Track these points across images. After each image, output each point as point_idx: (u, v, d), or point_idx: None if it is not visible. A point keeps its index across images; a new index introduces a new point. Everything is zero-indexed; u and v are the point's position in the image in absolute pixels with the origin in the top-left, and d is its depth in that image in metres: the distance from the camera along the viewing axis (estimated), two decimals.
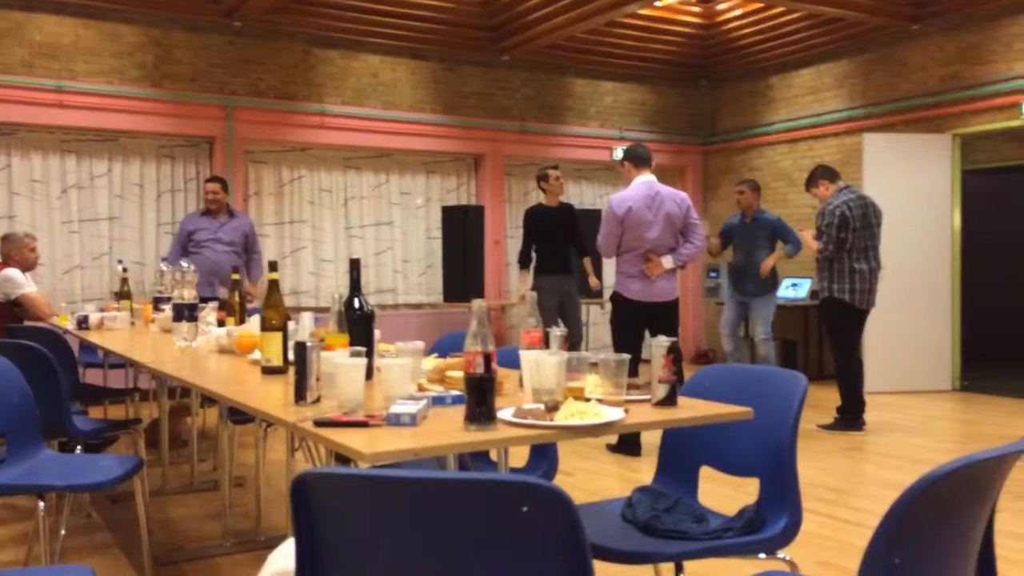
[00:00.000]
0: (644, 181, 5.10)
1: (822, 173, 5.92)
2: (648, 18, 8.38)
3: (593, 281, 7.19)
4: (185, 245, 6.46)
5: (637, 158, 5.21)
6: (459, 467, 1.93)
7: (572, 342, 2.22)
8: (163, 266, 4.91)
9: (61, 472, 2.68)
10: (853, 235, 5.64)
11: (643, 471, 4.69)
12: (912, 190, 7.52)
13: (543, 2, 7.59)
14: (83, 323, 4.46)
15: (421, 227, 8.66)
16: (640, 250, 5.01)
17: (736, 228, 6.82)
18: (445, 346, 3.17)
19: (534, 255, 6.68)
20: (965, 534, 1.34)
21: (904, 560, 1.25)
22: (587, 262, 7.03)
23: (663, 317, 5.04)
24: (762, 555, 2.04)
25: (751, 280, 6.63)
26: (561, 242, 6.64)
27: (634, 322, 5.06)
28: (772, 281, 6.70)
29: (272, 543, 1.57)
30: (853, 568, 3.08)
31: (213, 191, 6.48)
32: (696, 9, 8.48)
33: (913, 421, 6.15)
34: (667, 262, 5.01)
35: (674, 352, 1.97)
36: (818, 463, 4.84)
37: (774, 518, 2.05)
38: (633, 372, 2.06)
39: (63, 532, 3.20)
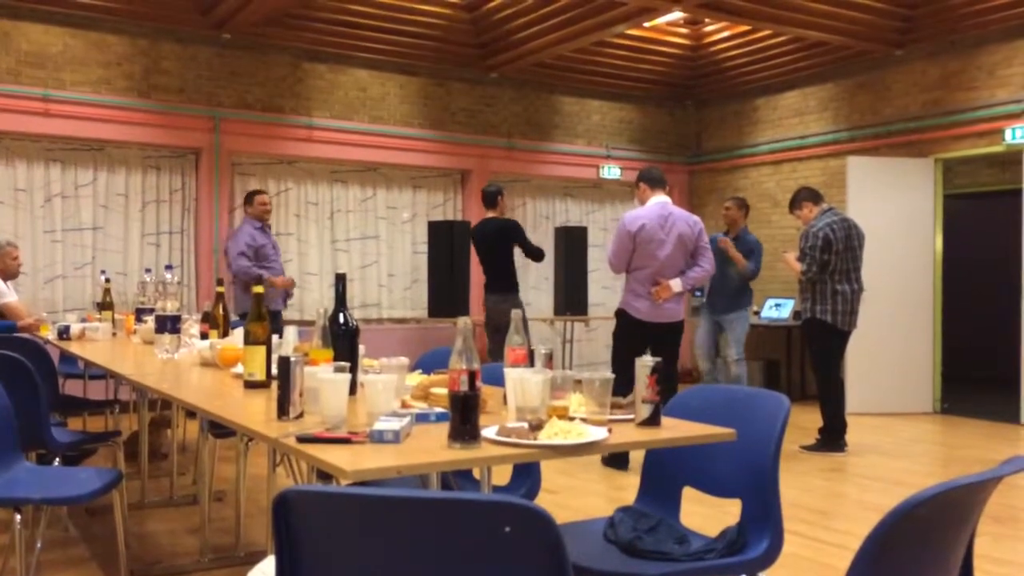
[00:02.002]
0: (658, 202, 5.18)
1: (806, 195, 5.97)
2: (636, 38, 8.45)
3: None
4: (252, 257, 6.45)
5: (652, 179, 5.29)
6: (442, 485, 1.93)
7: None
8: (147, 276, 4.88)
9: (38, 485, 2.65)
10: (836, 257, 5.68)
11: (626, 489, 4.68)
12: (895, 213, 7.59)
13: (532, 20, 7.65)
14: (64, 333, 4.42)
15: (407, 242, 8.66)
16: (650, 269, 5.04)
17: (713, 244, 6.85)
18: (429, 362, 3.17)
19: (501, 272, 6.88)
20: (945, 558, 1.35)
21: None
22: None
23: (667, 338, 5.09)
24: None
25: (722, 296, 6.66)
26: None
27: (638, 341, 5.02)
28: (745, 298, 6.72)
29: (251, 559, 1.56)
30: None
31: (264, 202, 6.44)
32: (684, 30, 8.56)
33: (894, 443, 6.18)
34: (676, 285, 5.06)
35: (658, 372, 1.98)
36: (800, 484, 4.85)
37: (756, 539, 2.06)
38: (629, 391, 2.06)
39: (39, 545, 3.15)
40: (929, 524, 1.27)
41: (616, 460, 5.12)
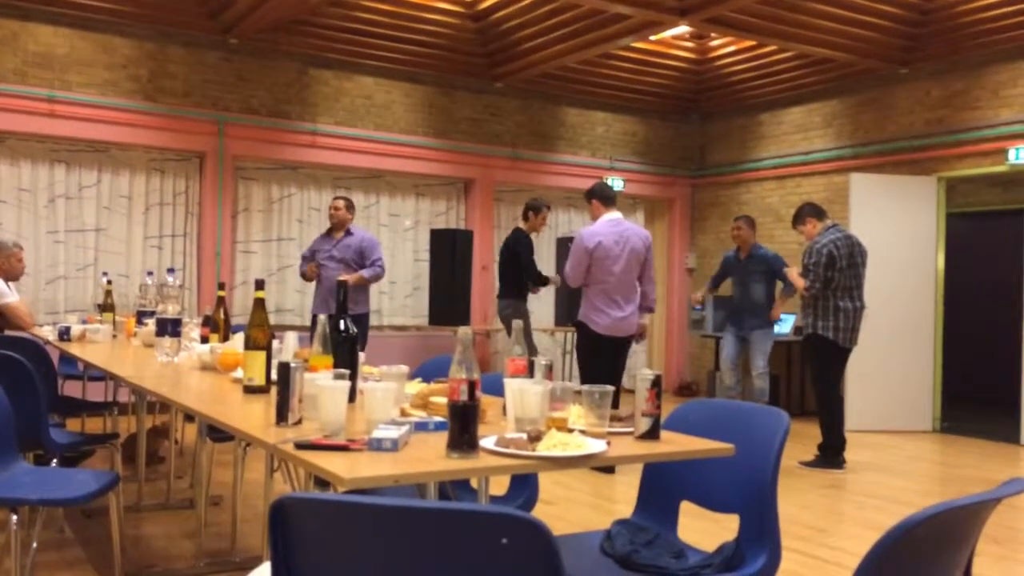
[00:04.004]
0: (612, 218, 5.41)
1: (810, 211, 5.97)
2: (642, 51, 8.48)
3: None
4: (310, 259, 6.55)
5: (604, 197, 5.50)
6: (439, 494, 1.92)
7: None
8: (149, 279, 4.88)
9: (35, 486, 2.64)
10: (839, 274, 5.68)
11: (623, 502, 4.67)
12: (897, 231, 7.59)
13: (538, 31, 7.67)
14: (65, 334, 4.42)
15: (409, 249, 8.66)
16: (606, 284, 5.28)
17: (732, 264, 6.85)
18: (429, 371, 3.16)
19: (510, 280, 6.90)
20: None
21: None
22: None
23: (620, 350, 5.42)
24: None
25: (749, 314, 6.64)
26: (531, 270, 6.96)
27: (599, 353, 5.35)
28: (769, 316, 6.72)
29: (247, 565, 1.55)
30: None
31: (335, 207, 6.49)
32: (690, 44, 8.59)
33: (893, 461, 6.16)
34: (645, 321, 5.57)
35: (658, 386, 1.97)
36: (798, 500, 4.83)
37: (753, 556, 2.05)
38: (615, 403, 2.06)
39: (35, 546, 3.15)
40: (927, 544, 1.27)
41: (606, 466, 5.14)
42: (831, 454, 5.74)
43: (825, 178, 8.67)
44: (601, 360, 5.34)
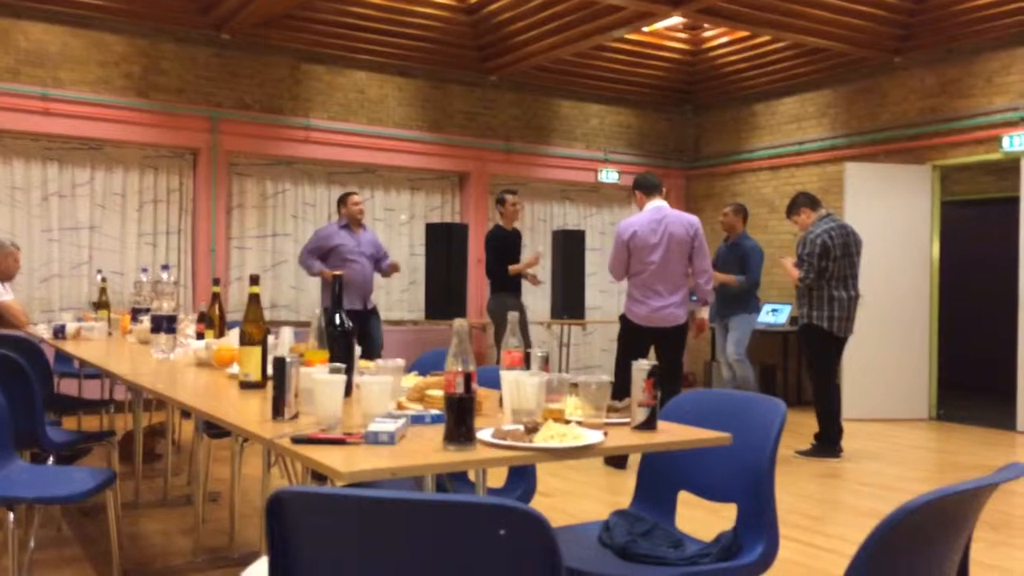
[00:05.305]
0: (654, 207, 5.24)
1: (804, 200, 5.97)
2: (635, 43, 8.46)
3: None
4: (324, 257, 6.42)
5: (647, 186, 5.35)
6: (437, 487, 1.92)
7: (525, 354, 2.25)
8: (143, 276, 4.87)
9: (32, 483, 2.64)
10: (834, 263, 5.69)
11: (622, 493, 4.68)
12: (892, 219, 7.60)
13: (531, 24, 7.65)
14: (59, 332, 4.41)
15: (405, 243, 8.65)
16: (645, 273, 5.12)
17: (718, 251, 6.88)
18: (426, 364, 3.16)
19: (492, 276, 6.85)
20: (940, 565, 1.34)
21: None
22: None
23: (668, 342, 5.16)
24: None
25: (729, 301, 6.66)
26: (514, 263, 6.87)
27: (637, 345, 5.14)
28: (749, 303, 6.72)
29: (245, 560, 1.55)
30: None
31: (358, 203, 6.46)
32: (683, 35, 8.58)
33: (890, 449, 6.18)
34: (704, 313, 5.46)
35: (655, 376, 1.97)
36: (794, 489, 4.85)
37: (751, 544, 2.05)
38: (627, 394, 2.06)
39: (32, 545, 3.14)
40: (924, 530, 1.27)
41: (615, 459, 5.14)
42: (828, 443, 5.75)
43: (819, 168, 8.68)
44: (641, 353, 5.11)
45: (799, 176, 8.84)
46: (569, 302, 8.14)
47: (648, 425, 1.97)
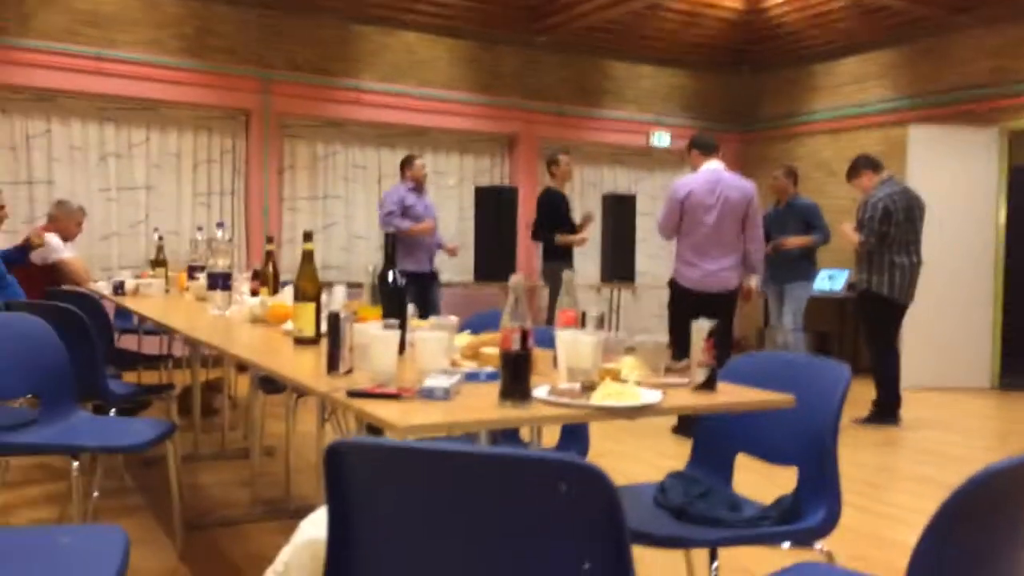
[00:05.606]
0: (711, 168, 5.09)
1: (865, 163, 5.79)
2: (690, 1, 8.25)
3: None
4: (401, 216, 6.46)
5: (704, 146, 5.20)
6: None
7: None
8: (199, 234, 4.92)
9: (95, 434, 2.70)
10: (895, 228, 5.52)
11: (673, 458, 4.65)
12: (957, 184, 7.35)
13: None
14: (119, 289, 4.50)
15: (454, 207, 8.63)
16: (697, 236, 4.99)
17: (770, 215, 6.72)
18: (477, 324, 3.14)
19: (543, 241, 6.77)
20: (1021, 529, 1.28)
21: (957, 554, 1.20)
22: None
23: (718, 307, 4.98)
24: (786, 544, 2.00)
25: (782, 267, 6.52)
26: (569, 226, 6.76)
27: (687, 310, 4.98)
28: (807, 269, 6.58)
29: (301, 512, 1.56)
30: (887, 562, 3.03)
31: (422, 165, 6.53)
32: None
33: (951, 418, 6.04)
34: (753, 281, 5.25)
35: (715, 336, 1.92)
36: (852, 457, 4.76)
37: (812, 509, 2.01)
38: (682, 358, 2.01)
39: (96, 493, 3.23)
40: (1006, 497, 1.21)
41: (684, 428, 5.06)
42: (886, 411, 5.63)
43: (881, 131, 8.41)
44: (690, 320, 5.10)
45: (860, 139, 8.58)
46: (619, 267, 8.05)
47: (708, 386, 1.93)
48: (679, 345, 2.16)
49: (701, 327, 1.95)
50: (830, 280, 8.40)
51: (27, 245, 4.90)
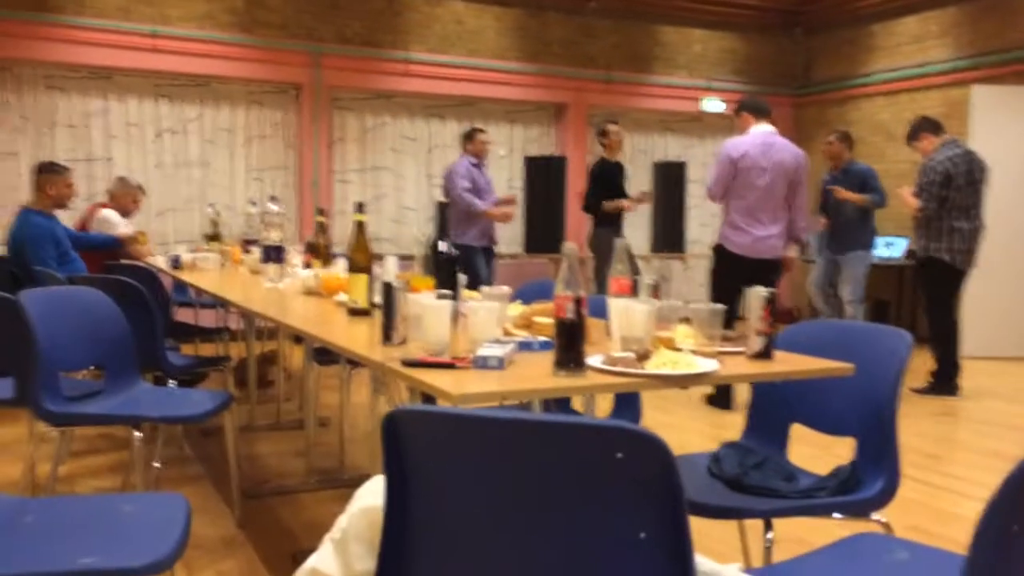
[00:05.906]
0: (762, 131, 4.97)
1: (926, 126, 5.62)
2: None
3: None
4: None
5: (756, 108, 5.08)
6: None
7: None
8: (252, 208, 4.99)
9: (156, 404, 2.76)
10: (956, 193, 5.35)
11: (726, 428, 4.61)
12: (1021, 146, 7.09)
13: None
14: (176, 263, 4.59)
15: (503, 177, 8.60)
16: (749, 199, 4.87)
17: (826, 182, 6.58)
18: (527, 294, 3.14)
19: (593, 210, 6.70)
20: None
21: (1022, 531, 1.16)
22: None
23: (764, 275, 4.84)
24: (838, 515, 1.97)
25: (842, 235, 6.38)
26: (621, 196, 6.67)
27: (735, 277, 4.84)
28: (866, 238, 6.43)
29: (356, 481, 1.58)
30: (946, 534, 2.97)
31: (485, 140, 6.52)
32: None
33: (1011, 388, 5.88)
34: (792, 251, 5.08)
35: (773, 303, 1.89)
36: (910, 427, 4.67)
37: (870, 479, 1.97)
38: (728, 327, 1.99)
39: (157, 463, 3.32)
40: None
41: (721, 399, 5.03)
42: (945, 380, 5.50)
43: (942, 92, 8.14)
44: (736, 287, 4.98)
45: (920, 101, 8.31)
46: (669, 235, 7.98)
47: (765, 354, 1.90)
48: (726, 312, 2.12)
49: (759, 294, 1.91)
50: (888, 247, 8.20)
51: (121, 239, 5.06)
